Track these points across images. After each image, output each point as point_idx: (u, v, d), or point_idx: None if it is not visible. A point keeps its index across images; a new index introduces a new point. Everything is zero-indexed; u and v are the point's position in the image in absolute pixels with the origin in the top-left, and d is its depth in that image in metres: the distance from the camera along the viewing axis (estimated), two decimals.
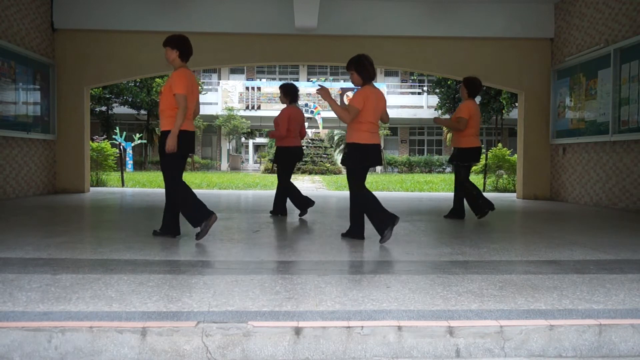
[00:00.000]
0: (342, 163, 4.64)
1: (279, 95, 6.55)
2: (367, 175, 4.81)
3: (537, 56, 10.03)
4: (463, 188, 6.31)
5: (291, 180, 6.49)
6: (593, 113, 8.68)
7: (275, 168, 6.50)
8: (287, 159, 6.35)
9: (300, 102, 29.25)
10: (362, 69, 4.48)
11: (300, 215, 6.42)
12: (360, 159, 4.47)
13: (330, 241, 4.62)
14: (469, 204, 6.31)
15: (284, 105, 6.44)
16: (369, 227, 4.67)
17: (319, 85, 4.71)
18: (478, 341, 2.32)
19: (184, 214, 4.47)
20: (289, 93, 6.40)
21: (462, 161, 6.23)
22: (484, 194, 12.08)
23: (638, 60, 7.53)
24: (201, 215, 4.39)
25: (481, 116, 6.82)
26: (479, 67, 10.03)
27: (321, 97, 4.65)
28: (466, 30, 9.85)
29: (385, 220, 4.35)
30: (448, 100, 28.63)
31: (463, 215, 6.43)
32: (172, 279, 3.10)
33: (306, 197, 6.38)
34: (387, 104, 5.10)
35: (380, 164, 4.77)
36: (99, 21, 9.56)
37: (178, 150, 4.33)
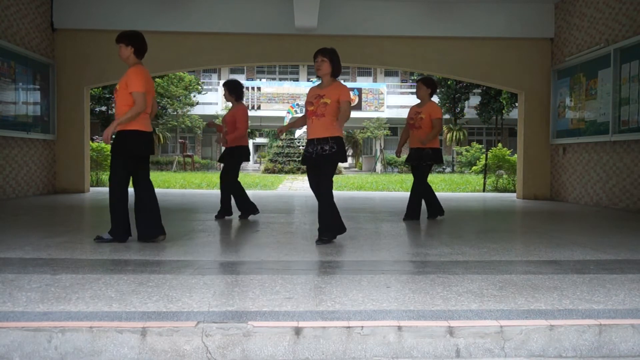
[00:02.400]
0: (342, 160, 4.43)
1: (224, 93, 6.26)
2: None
3: (537, 56, 10.03)
4: (426, 187, 6.24)
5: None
6: (593, 113, 8.68)
7: (222, 167, 6.26)
8: (243, 158, 6.12)
9: (300, 102, 29.27)
10: (337, 62, 4.47)
11: (240, 217, 6.21)
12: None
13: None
14: (433, 203, 6.29)
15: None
16: (369, 227, 4.67)
17: (278, 130, 4.97)
18: (478, 341, 2.32)
19: (111, 215, 4.33)
20: (235, 90, 6.16)
21: (437, 161, 6.15)
22: (484, 194, 12.11)
23: (638, 60, 7.53)
24: (118, 232, 4.28)
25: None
26: (479, 67, 10.04)
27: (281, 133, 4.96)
28: (466, 30, 9.85)
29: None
30: (448, 100, 28.64)
31: (418, 216, 6.23)
32: (172, 279, 3.10)
33: (253, 204, 6.22)
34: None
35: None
36: (99, 21, 9.56)
37: (129, 151, 4.16)
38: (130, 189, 4.35)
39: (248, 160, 6.26)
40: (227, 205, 6.20)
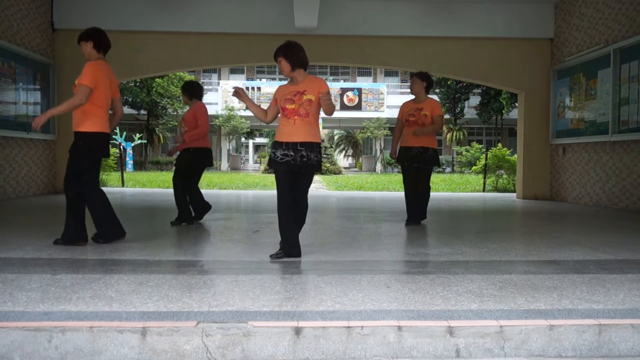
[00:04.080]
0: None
1: (183, 96, 5.87)
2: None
3: (537, 56, 10.03)
4: (428, 190, 5.83)
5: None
6: (593, 113, 8.68)
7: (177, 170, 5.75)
8: (204, 161, 5.66)
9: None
10: (294, 55, 3.92)
11: (196, 219, 5.77)
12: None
13: (330, 241, 4.62)
14: (424, 205, 5.84)
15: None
16: (369, 227, 4.66)
17: (234, 88, 4.10)
18: (478, 341, 2.32)
19: (94, 222, 4.18)
20: (189, 90, 5.76)
21: (437, 163, 5.77)
22: (484, 194, 12.11)
23: (638, 60, 7.53)
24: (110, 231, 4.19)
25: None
26: (479, 67, 10.04)
27: (239, 99, 4.03)
28: (466, 30, 9.85)
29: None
30: (448, 100, 28.65)
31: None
32: (172, 279, 3.10)
33: (206, 202, 5.81)
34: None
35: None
36: (99, 21, 9.52)
37: (90, 152, 4.04)
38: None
39: (211, 164, 5.78)
40: (187, 209, 5.67)
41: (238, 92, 3.96)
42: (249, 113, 31.56)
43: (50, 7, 9.53)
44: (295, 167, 3.78)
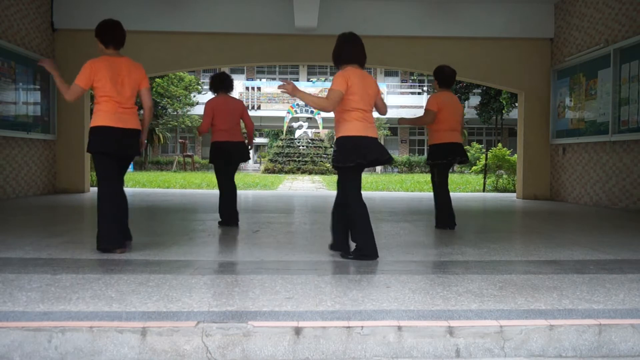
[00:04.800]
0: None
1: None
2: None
3: (537, 56, 10.03)
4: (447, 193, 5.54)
5: (233, 182, 5.59)
6: (593, 113, 8.68)
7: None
8: (214, 155, 5.46)
9: (300, 102, 29.28)
10: (336, 49, 3.82)
11: (220, 224, 5.54)
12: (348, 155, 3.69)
13: (330, 241, 4.61)
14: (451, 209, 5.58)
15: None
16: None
17: (282, 82, 3.77)
18: (478, 341, 2.32)
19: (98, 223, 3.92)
20: (214, 83, 5.63)
21: (429, 159, 5.54)
22: (484, 194, 12.11)
23: (638, 60, 7.53)
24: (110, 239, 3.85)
25: (462, 110, 5.52)
26: (479, 67, 10.04)
27: (289, 94, 3.70)
28: (466, 30, 9.85)
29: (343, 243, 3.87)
30: None
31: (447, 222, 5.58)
32: (172, 279, 3.10)
33: (234, 214, 5.50)
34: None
35: (388, 162, 3.88)
36: (99, 21, 9.55)
37: (89, 147, 3.86)
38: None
39: (217, 158, 5.47)
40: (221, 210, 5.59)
41: (287, 87, 3.61)
42: (248, 113, 31.58)
43: (50, 7, 9.53)
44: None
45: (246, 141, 5.64)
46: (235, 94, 31.51)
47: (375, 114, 3.97)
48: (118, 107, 3.94)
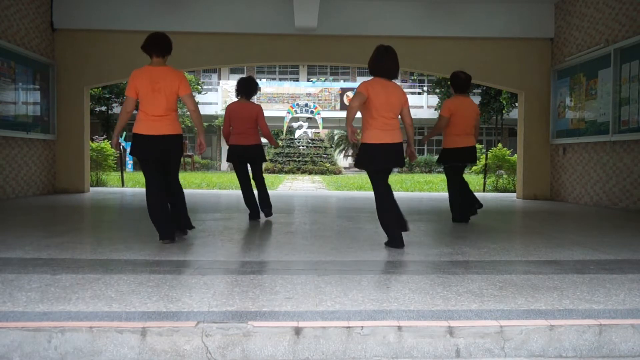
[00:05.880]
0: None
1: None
2: (367, 176, 4.72)
3: (537, 56, 10.03)
4: (463, 186, 5.92)
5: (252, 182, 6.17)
6: (593, 113, 8.68)
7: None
8: (228, 157, 6.06)
9: (300, 102, 29.27)
10: (370, 60, 4.31)
11: (251, 217, 6.10)
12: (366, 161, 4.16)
13: (330, 241, 4.62)
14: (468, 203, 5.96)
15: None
16: (369, 227, 4.65)
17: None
18: (478, 341, 2.32)
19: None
20: (237, 87, 6.08)
21: (438, 161, 5.96)
22: (484, 194, 12.11)
23: (638, 60, 7.53)
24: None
25: (480, 114, 5.96)
26: (479, 67, 10.03)
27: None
28: (466, 30, 9.85)
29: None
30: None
31: (475, 208, 5.98)
32: (172, 279, 3.10)
33: (257, 208, 6.09)
34: None
35: (399, 165, 4.27)
36: (99, 21, 9.56)
37: (132, 153, 4.37)
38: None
39: (230, 159, 6.06)
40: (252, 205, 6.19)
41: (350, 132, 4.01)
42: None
43: (50, 7, 9.52)
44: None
45: (263, 143, 6.16)
46: (235, 94, 31.55)
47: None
48: (147, 115, 4.31)
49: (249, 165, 6.15)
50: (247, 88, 5.99)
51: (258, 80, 35.33)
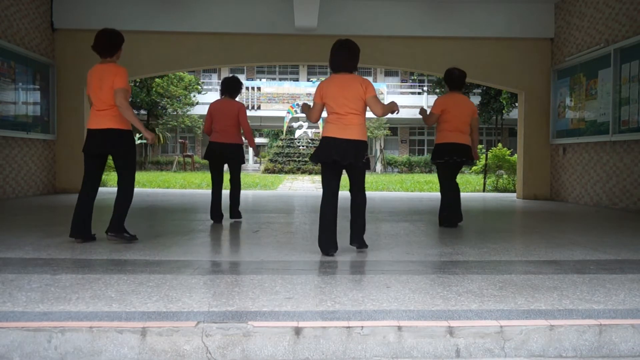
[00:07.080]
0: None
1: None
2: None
3: (537, 56, 10.03)
4: (455, 190, 5.65)
5: (230, 182, 6.06)
6: (593, 113, 8.68)
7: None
8: (205, 154, 5.89)
9: (300, 102, 29.26)
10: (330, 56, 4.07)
11: (215, 220, 5.85)
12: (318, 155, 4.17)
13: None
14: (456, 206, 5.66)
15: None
16: (368, 227, 4.65)
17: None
18: (478, 341, 2.32)
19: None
20: (221, 86, 5.97)
21: (432, 159, 5.77)
22: (484, 194, 12.11)
23: (638, 60, 7.53)
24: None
25: (478, 114, 5.67)
26: (479, 67, 10.03)
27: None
28: (466, 30, 9.84)
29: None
30: None
31: (454, 221, 5.65)
32: (172, 279, 3.09)
33: (219, 211, 5.84)
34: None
35: (349, 162, 4.15)
36: (99, 21, 9.53)
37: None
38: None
39: (207, 157, 5.88)
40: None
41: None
42: (249, 113, 31.49)
43: (50, 7, 9.52)
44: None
45: (245, 143, 5.82)
46: None
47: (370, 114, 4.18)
48: (94, 111, 4.36)
49: (226, 167, 6.02)
50: (231, 87, 5.89)
51: (258, 80, 35.25)
